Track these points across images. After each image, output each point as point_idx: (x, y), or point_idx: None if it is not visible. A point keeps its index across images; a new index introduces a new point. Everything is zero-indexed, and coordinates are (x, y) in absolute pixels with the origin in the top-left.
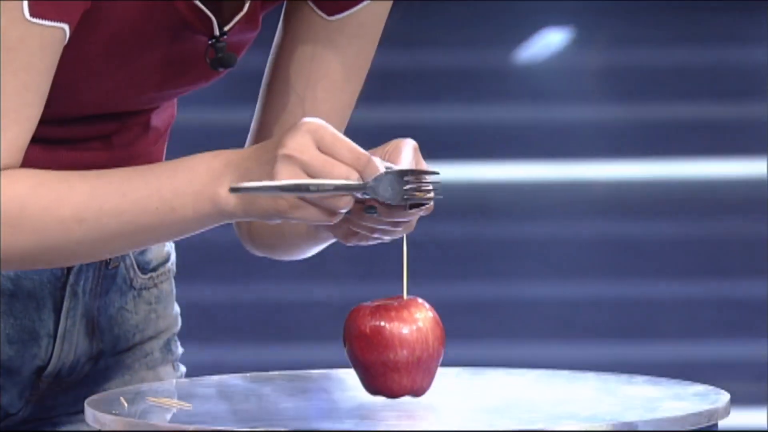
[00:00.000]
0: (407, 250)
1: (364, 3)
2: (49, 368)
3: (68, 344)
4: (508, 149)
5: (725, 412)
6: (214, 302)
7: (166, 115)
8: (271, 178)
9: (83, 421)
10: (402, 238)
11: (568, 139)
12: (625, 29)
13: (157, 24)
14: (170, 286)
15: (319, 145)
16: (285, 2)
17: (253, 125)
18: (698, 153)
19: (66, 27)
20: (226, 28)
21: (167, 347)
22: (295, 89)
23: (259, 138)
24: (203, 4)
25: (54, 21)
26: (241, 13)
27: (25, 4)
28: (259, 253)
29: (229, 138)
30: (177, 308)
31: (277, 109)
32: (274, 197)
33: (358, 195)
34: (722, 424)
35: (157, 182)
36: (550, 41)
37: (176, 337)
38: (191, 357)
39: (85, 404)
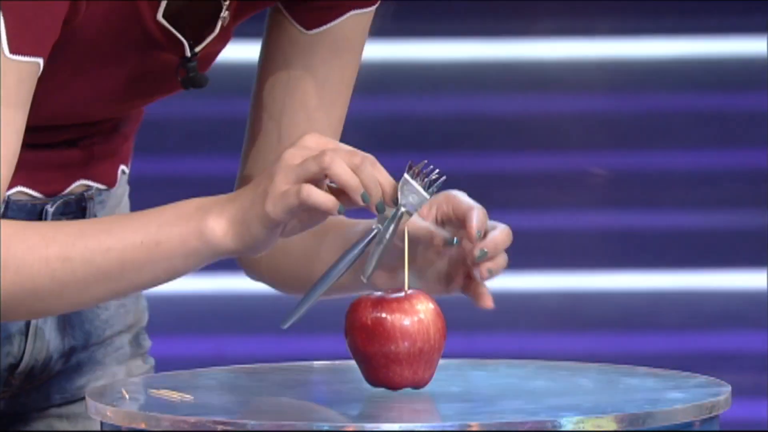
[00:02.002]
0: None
1: (344, 17)
2: (22, 366)
3: (40, 341)
4: (508, 140)
5: (726, 404)
6: (214, 293)
7: (133, 116)
8: (267, 193)
9: (54, 416)
10: (404, 231)
11: (568, 130)
12: (624, 21)
13: (128, 44)
14: None
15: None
16: (267, 18)
17: (243, 152)
18: (700, 144)
19: (41, 61)
20: (197, 49)
21: (136, 341)
22: (281, 111)
23: (247, 165)
24: (174, 27)
25: (30, 56)
26: (212, 35)
27: (4, 41)
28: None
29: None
30: (145, 302)
31: (265, 134)
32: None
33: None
34: (723, 415)
35: (143, 219)
36: (548, 33)
37: (144, 331)
38: (192, 349)
39: (86, 396)
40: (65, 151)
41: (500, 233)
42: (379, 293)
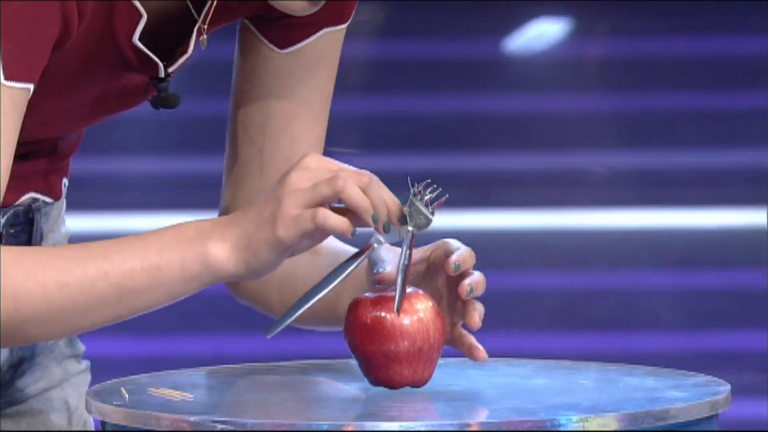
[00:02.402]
0: (407, 243)
1: (317, 35)
2: None
3: None
4: (507, 140)
5: (726, 403)
6: (214, 293)
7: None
8: (276, 217)
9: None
10: (408, 232)
11: (566, 129)
12: (622, 20)
13: (99, 65)
14: None
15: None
16: (238, 39)
17: (224, 174)
18: (697, 143)
19: (32, 87)
20: (170, 69)
21: (72, 343)
22: (262, 132)
23: (230, 186)
24: (149, 50)
25: (24, 82)
26: (186, 56)
27: (0, 67)
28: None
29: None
30: None
31: (246, 155)
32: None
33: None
34: (723, 414)
35: (142, 243)
36: (547, 31)
37: (76, 336)
38: (192, 348)
39: (86, 396)
40: (19, 164)
41: (466, 251)
42: (378, 293)
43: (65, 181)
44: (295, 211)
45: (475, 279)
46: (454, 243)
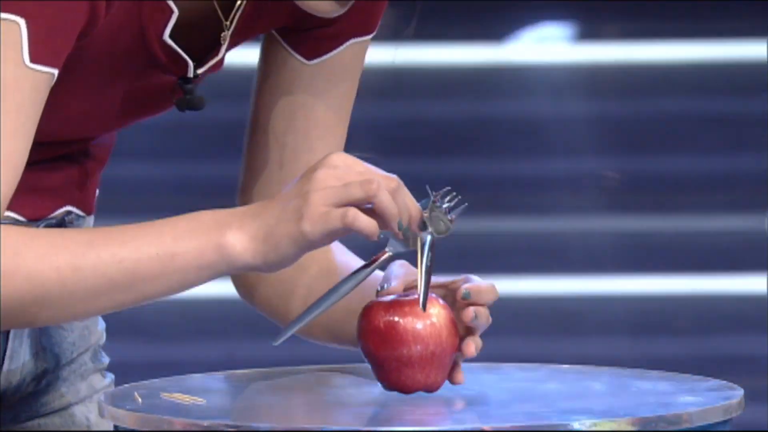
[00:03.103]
0: (421, 248)
1: (343, 46)
2: None
3: (15, 366)
4: (521, 144)
5: (739, 407)
6: (226, 298)
7: (107, 140)
8: (302, 213)
9: (19, 430)
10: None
11: (579, 134)
12: (627, 26)
13: (129, 63)
14: None
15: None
16: (262, 48)
17: (240, 180)
18: (714, 148)
19: (56, 72)
20: (199, 71)
21: (96, 357)
22: (283, 140)
23: (246, 193)
24: (180, 47)
25: (48, 66)
26: (217, 58)
27: (26, 49)
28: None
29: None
30: (103, 324)
31: (265, 162)
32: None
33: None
34: (736, 419)
35: (157, 230)
36: (554, 38)
37: (101, 349)
38: (204, 353)
39: (99, 401)
40: (53, 174)
41: (487, 285)
42: (391, 297)
43: (96, 192)
44: (323, 209)
45: (481, 310)
46: (476, 278)
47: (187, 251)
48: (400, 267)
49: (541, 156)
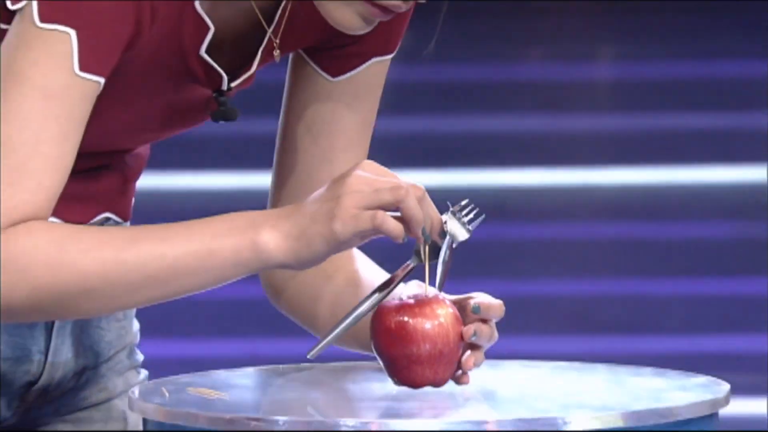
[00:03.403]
0: (427, 251)
1: (366, 64)
2: (39, 383)
3: (58, 362)
4: (524, 156)
5: (725, 402)
6: (250, 299)
7: (142, 151)
8: (334, 214)
9: (59, 422)
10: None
11: (578, 146)
12: (629, 46)
13: (167, 76)
14: None
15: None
16: (290, 66)
17: (271, 188)
18: (699, 160)
19: (102, 81)
20: (233, 84)
21: (131, 355)
22: (309, 152)
23: (277, 199)
24: (215, 62)
25: (96, 75)
26: (249, 72)
27: (76, 57)
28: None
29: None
30: (137, 324)
31: (292, 172)
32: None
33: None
34: (723, 412)
35: (196, 228)
36: (561, 56)
37: (136, 347)
38: (229, 350)
39: (129, 395)
40: (93, 182)
41: (497, 303)
42: (401, 299)
43: (133, 201)
44: (354, 211)
45: (482, 328)
46: (485, 295)
47: (223, 248)
48: (418, 287)
49: (543, 167)
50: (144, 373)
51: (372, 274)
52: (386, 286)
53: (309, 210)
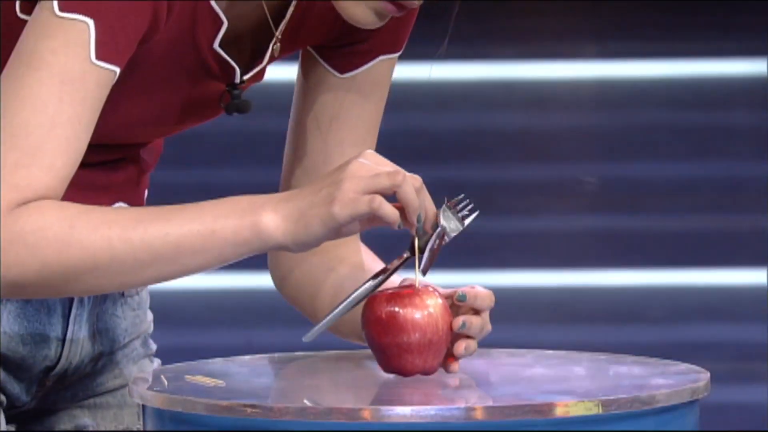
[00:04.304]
0: (419, 244)
1: (374, 61)
2: (57, 368)
3: (75, 347)
4: (510, 152)
5: (705, 389)
6: (245, 289)
7: (156, 143)
8: (334, 197)
9: (77, 407)
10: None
11: (564, 142)
12: (613, 45)
13: (181, 70)
14: (147, 294)
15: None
16: (300, 62)
17: (281, 178)
18: (682, 156)
19: (118, 71)
20: (245, 77)
21: (145, 344)
22: (317, 146)
23: (286, 187)
24: (228, 55)
25: (112, 64)
26: (261, 65)
27: (93, 46)
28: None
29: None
30: (151, 314)
31: (301, 164)
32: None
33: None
34: (702, 399)
35: (200, 209)
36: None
37: (149, 336)
38: (225, 339)
39: (129, 383)
40: (109, 173)
41: (486, 292)
42: (391, 289)
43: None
44: (353, 195)
45: (472, 319)
46: (478, 287)
47: (225, 228)
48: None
49: (528, 162)
50: (157, 362)
51: (375, 266)
52: (381, 275)
53: (309, 194)
